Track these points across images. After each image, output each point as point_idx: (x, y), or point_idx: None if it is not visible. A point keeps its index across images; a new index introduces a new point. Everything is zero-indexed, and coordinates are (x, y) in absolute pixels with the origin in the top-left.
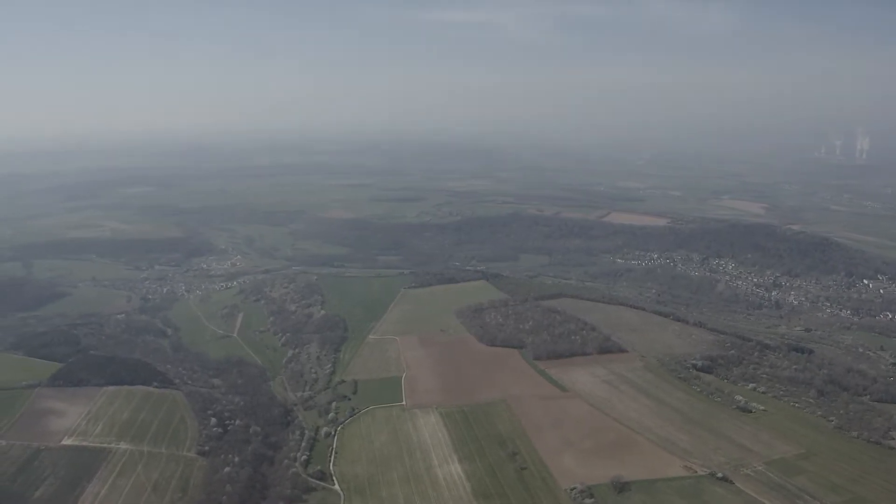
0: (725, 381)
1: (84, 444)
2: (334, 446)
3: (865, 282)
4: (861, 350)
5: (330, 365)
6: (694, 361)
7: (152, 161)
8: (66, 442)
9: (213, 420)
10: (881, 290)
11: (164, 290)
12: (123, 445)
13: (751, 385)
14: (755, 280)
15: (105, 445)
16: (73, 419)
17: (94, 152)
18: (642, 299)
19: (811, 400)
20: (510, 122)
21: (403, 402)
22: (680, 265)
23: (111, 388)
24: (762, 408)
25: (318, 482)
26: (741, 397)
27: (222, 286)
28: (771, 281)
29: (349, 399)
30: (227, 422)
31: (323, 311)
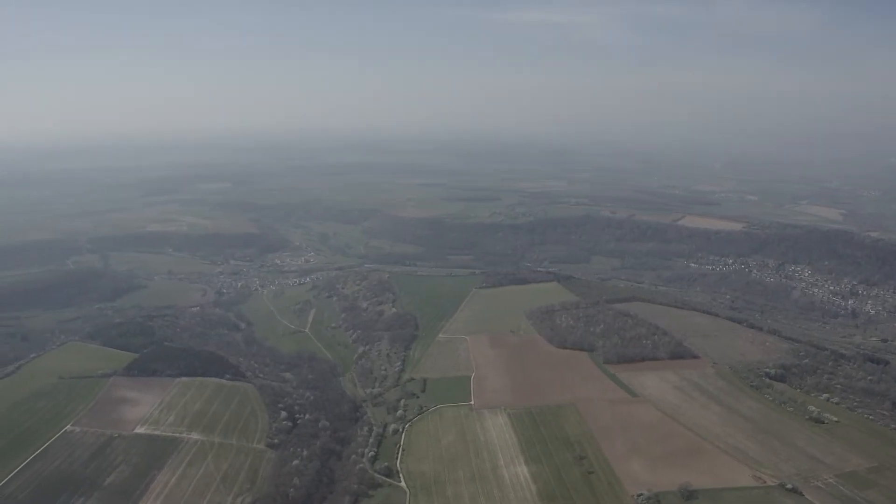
0: (798, 390)
1: (156, 432)
2: (402, 443)
3: None
4: None
5: (400, 362)
6: (767, 370)
7: (228, 158)
8: (139, 430)
9: (284, 413)
10: None
11: (239, 284)
12: (194, 435)
13: (824, 395)
14: (831, 288)
15: (176, 435)
16: (146, 408)
17: (174, 149)
18: (716, 305)
19: (885, 412)
20: (585, 124)
21: (472, 402)
22: (755, 271)
23: (184, 379)
24: (835, 419)
25: (384, 478)
26: (814, 407)
27: (296, 282)
28: (848, 289)
29: (418, 397)
30: (297, 416)
31: (394, 309)
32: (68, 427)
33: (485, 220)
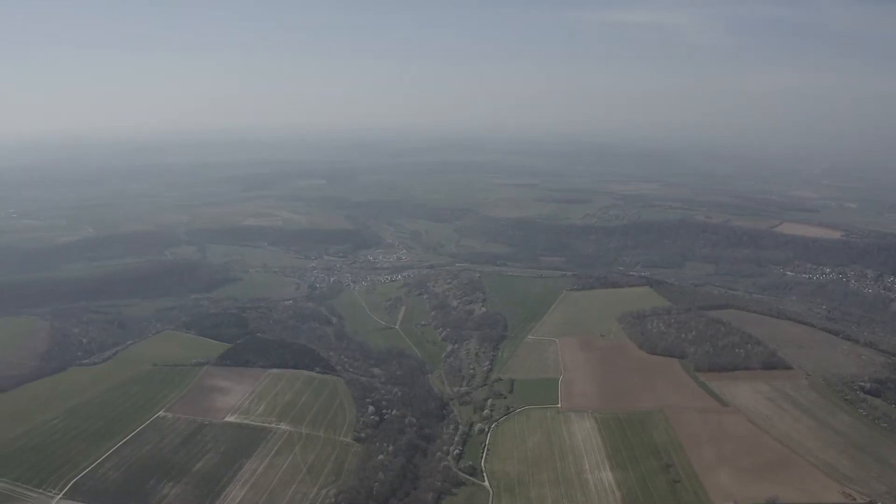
0: (894, 405)
1: (246, 422)
2: (487, 443)
3: None
4: None
5: (488, 362)
6: (862, 383)
7: (324, 155)
8: (229, 419)
9: (371, 408)
10: None
11: (331, 279)
12: (283, 426)
13: None
14: None
15: (266, 425)
16: (237, 398)
17: (271, 145)
18: (811, 315)
19: None
20: (679, 127)
21: (559, 405)
22: (853, 281)
23: (275, 370)
24: None
25: (468, 477)
26: None
27: (387, 279)
28: None
29: (505, 397)
30: (385, 411)
31: (484, 309)
32: (161, 413)
33: (577, 221)
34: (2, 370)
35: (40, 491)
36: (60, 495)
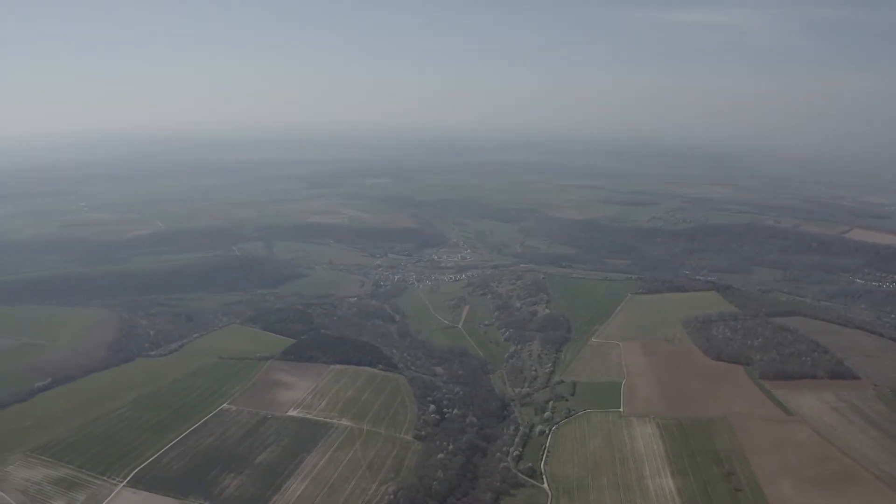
0: None
1: (308, 416)
2: (547, 445)
3: None
4: None
5: (550, 364)
6: None
7: (389, 154)
8: (292, 413)
9: (432, 406)
10: None
11: (396, 277)
12: (345, 422)
13: None
14: None
15: (327, 420)
16: (300, 392)
17: (338, 143)
18: (880, 324)
19: None
20: (751, 128)
21: (621, 409)
22: None
23: (338, 366)
24: None
25: (527, 479)
26: None
27: (451, 278)
28: None
29: (566, 400)
30: (446, 410)
31: (547, 310)
32: (225, 405)
33: (643, 224)
34: (71, 360)
35: (104, 478)
36: (124, 483)
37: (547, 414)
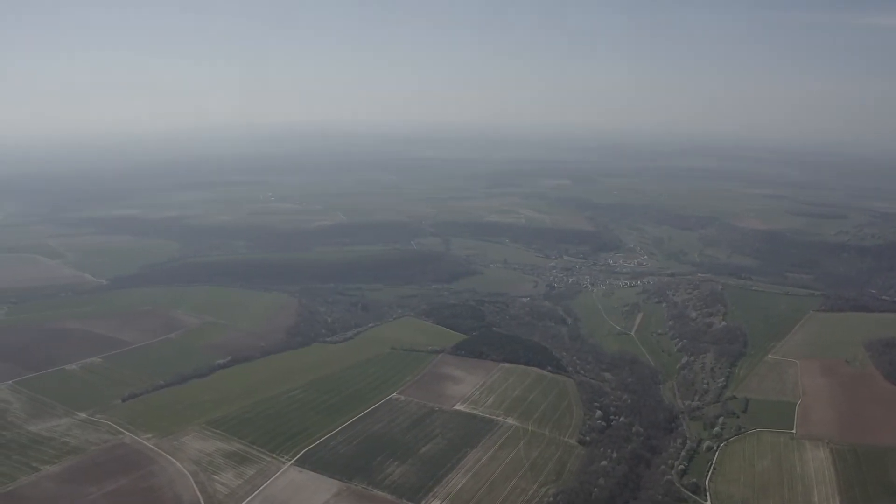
0: None
1: (474, 412)
2: (714, 462)
3: None
4: None
5: (723, 378)
6: None
7: (570, 156)
8: (459, 407)
9: (599, 412)
10: None
11: (570, 280)
12: (510, 420)
13: None
14: None
15: (493, 417)
16: (468, 388)
17: (520, 144)
18: None
19: None
20: None
21: (793, 431)
22: None
23: (507, 365)
24: None
25: (690, 494)
26: None
27: (626, 283)
28: None
29: (737, 416)
30: (612, 417)
31: (724, 323)
32: (394, 395)
33: (829, 238)
34: (251, 341)
35: (273, 456)
36: (292, 462)
37: (716, 430)
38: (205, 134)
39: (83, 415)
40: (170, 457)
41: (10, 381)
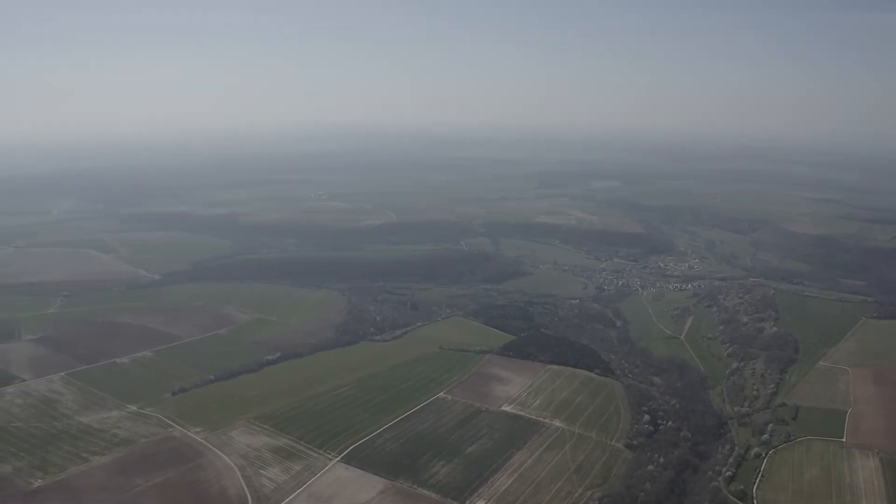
0: None
1: (521, 413)
2: (762, 469)
3: None
4: None
5: (773, 385)
6: None
7: (620, 157)
8: (505, 408)
9: (647, 416)
10: None
11: (619, 282)
12: (557, 422)
13: None
14: None
15: (539, 419)
16: (515, 389)
17: (571, 145)
18: None
19: None
20: None
21: (843, 439)
22: None
23: (555, 366)
24: None
25: (737, 501)
26: None
27: (676, 287)
28: None
29: (787, 424)
30: (660, 421)
31: (775, 328)
32: (441, 394)
33: (884, 244)
34: (300, 337)
35: (320, 452)
36: (338, 458)
37: (765, 437)
38: (252, 132)
39: (133, 407)
40: (218, 451)
41: (62, 373)
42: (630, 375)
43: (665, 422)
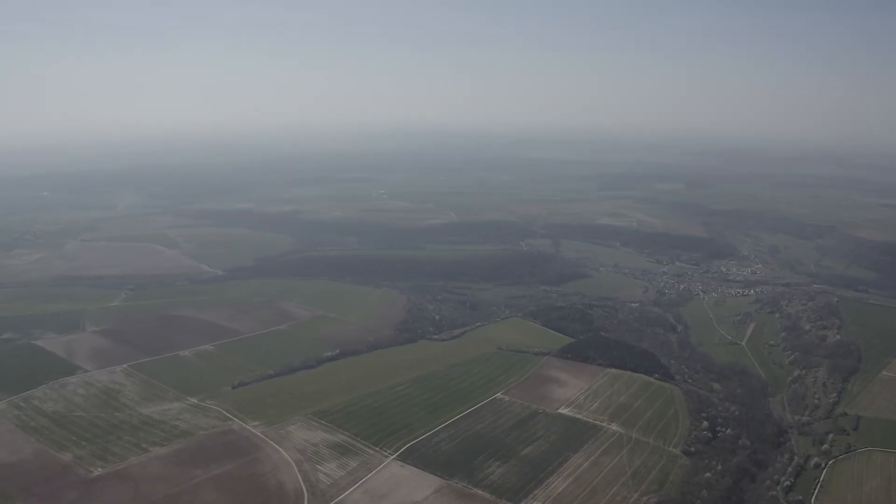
0: None
1: (578, 416)
2: (821, 479)
3: None
4: None
5: (835, 394)
6: None
7: (686, 159)
8: (562, 411)
9: (705, 423)
10: None
11: (681, 286)
12: (614, 427)
13: None
14: None
15: (597, 423)
16: (572, 391)
17: (636, 146)
18: None
19: None
20: None
21: None
22: None
23: (614, 370)
24: None
25: None
26: None
27: (739, 292)
28: None
29: (848, 434)
30: (718, 428)
31: (838, 336)
32: (498, 395)
33: None
34: (359, 335)
35: (376, 449)
36: (394, 456)
37: (825, 446)
38: (312, 131)
39: (194, 400)
40: (276, 445)
41: (125, 365)
42: (689, 381)
43: (724, 429)
